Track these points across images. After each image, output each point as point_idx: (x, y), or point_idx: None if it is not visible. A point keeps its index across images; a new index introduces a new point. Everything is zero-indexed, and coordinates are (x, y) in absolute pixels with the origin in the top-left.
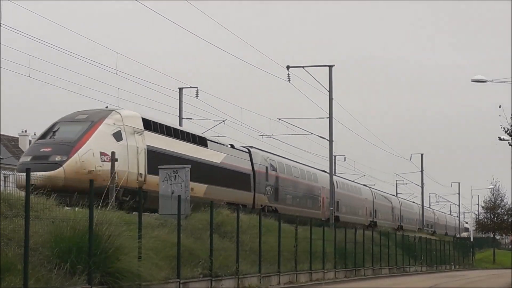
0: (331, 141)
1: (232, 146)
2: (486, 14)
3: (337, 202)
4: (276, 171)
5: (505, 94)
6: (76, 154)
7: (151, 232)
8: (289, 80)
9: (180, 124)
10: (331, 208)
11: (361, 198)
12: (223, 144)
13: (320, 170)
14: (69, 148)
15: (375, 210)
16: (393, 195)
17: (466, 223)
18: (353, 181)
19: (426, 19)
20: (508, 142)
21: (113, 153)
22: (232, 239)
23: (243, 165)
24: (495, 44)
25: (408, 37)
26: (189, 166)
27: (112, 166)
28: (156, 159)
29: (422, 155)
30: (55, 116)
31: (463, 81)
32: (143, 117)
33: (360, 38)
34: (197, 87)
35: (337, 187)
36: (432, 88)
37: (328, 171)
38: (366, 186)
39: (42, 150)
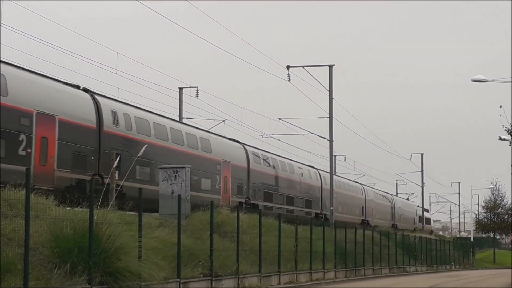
0: (331, 141)
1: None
2: (486, 14)
3: (253, 185)
4: (118, 126)
5: (505, 94)
6: None
7: (152, 232)
8: (289, 80)
9: None
10: (331, 208)
11: (300, 181)
12: None
13: (226, 138)
14: None
15: (324, 199)
16: (366, 186)
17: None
18: (286, 158)
19: (426, 19)
20: (509, 142)
21: (113, 152)
22: (232, 239)
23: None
24: (495, 44)
25: (408, 37)
26: (189, 165)
27: (112, 165)
28: None
29: (422, 155)
30: None
31: (463, 81)
32: None
33: (360, 38)
34: (197, 87)
35: (254, 161)
36: (432, 88)
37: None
38: (312, 167)
39: None
